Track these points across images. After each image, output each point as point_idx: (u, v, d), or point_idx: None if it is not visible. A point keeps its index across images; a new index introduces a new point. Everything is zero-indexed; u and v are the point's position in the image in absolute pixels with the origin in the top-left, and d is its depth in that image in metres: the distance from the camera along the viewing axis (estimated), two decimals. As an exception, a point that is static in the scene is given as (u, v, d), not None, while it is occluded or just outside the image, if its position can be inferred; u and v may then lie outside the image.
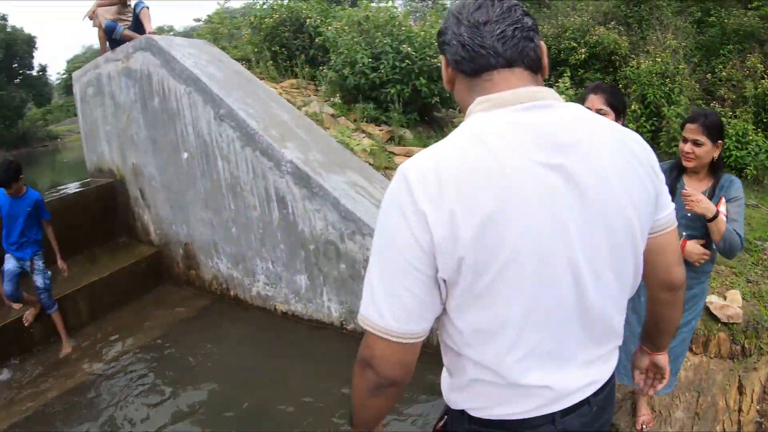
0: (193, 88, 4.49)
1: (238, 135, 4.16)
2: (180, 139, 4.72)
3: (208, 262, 5.00)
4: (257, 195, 4.20)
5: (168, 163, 4.98)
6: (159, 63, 4.80)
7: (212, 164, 4.48)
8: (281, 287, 4.40)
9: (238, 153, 4.20)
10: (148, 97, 4.99)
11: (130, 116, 5.31)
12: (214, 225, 4.73)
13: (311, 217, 3.95)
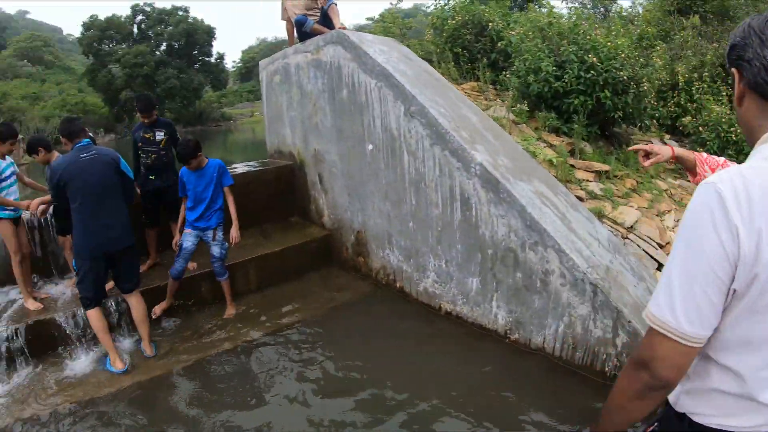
0: (384, 83, 4.74)
1: (428, 133, 4.33)
2: (366, 131, 5.02)
3: (379, 252, 5.30)
4: (441, 194, 4.36)
5: (351, 153, 5.33)
6: (350, 57, 5.12)
7: (397, 158, 4.71)
8: (450, 287, 4.54)
9: (426, 150, 4.38)
10: (337, 88, 5.35)
11: (317, 105, 5.74)
12: (391, 217, 4.99)
13: (494, 222, 4.02)
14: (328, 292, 5.42)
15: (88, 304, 4.32)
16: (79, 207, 4.15)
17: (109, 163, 4.24)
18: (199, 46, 50.86)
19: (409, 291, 5.03)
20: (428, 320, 4.66)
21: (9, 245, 4.84)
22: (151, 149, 5.25)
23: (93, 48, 48.74)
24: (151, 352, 4.51)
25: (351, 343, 4.42)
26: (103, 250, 4.21)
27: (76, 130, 4.30)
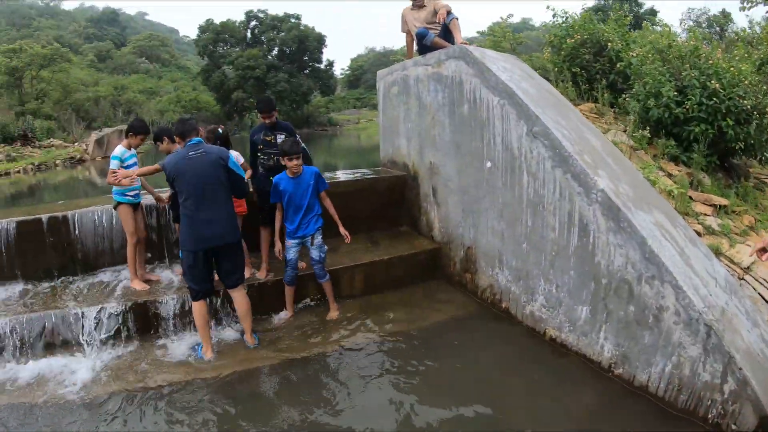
0: (506, 101, 4.91)
1: (551, 155, 4.47)
2: (486, 148, 5.23)
3: (487, 270, 5.48)
4: (558, 217, 4.47)
5: (468, 168, 5.56)
6: (472, 72, 5.35)
7: (516, 178, 4.88)
8: (558, 313, 4.62)
9: (547, 172, 4.52)
10: (458, 103, 5.61)
11: (435, 118, 6.03)
12: (504, 236, 5.15)
13: (611, 251, 4.09)
14: (432, 306, 5.65)
15: (193, 296, 4.84)
16: (185, 202, 4.65)
17: (215, 160, 4.69)
18: (310, 52, 53.72)
19: (514, 313, 5.16)
20: (531, 344, 4.75)
21: (126, 228, 5.53)
22: (271, 151, 5.59)
23: (208, 49, 52.68)
24: (253, 343, 4.97)
25: (450, 359, 4.59)
26: (204, 245, 4.64)
27: (188, 129, 4.82)
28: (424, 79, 6.26)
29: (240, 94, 49.57)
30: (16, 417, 4.14)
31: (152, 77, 64.03)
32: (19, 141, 29.07)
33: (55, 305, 5.27)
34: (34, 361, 4.94)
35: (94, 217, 6.05)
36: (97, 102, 42.74)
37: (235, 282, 4.90)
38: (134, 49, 76.45)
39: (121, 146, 5.52)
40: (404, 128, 6.78)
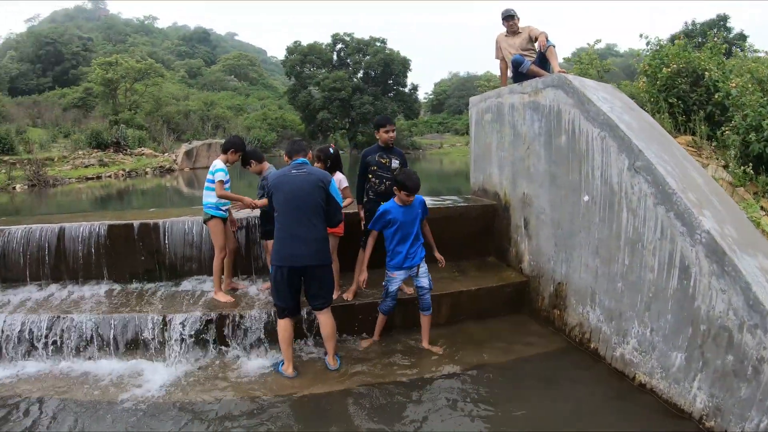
0: (607, 133, 4.96)
1: (653, 191, 4.47)
2: (583, 181, 5.29)
3: (578, 308, 5.49)
4: (658, 258, 4.44)
5: (563, 201, 5.62)
6: (572, 102, 5.43)
7: (615, 214, 4.90)
8: (650, 358, 4.55)
9: (648, 209, 4.52)
10: (555, 133, 5.70)
11: (531, 148, 6.14)
12: (598, 274, 5.16)
13: (713, 296, 4.02)
14: (517, 340, 5.69)
15: (279, 313, 5.08)
16: (278, 217, 4.95)
17: (316, 182, 4.95)
18: (395, 75, 55.24)
19: (603, 354, 5.12)
20: (618, 388, 4.68)
21: (216, 242, 5.93)
22: (384, 175, 5.75)
23: (295, 70, 55.04)
24: (335, 365, 5.14)
25: (533, 396, 4.61)
26: (291, 263, 4.87)
27: (296, 149, 5.22)
28: (519, 108, 6.39)
29: (325, 114, 51.48)
30: (91, 414, 4.51)
31: (240, 94, 67.39)
32: (111, 148, 31.33)
33: (139, 308, 5.73)
34: (114, 360, 5.41)
35: (183, 227, 6.57)
36: (186, 115, 45.49)
37: (322, 304, 5.07)
38: (224, 67, 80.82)
39: (220, 160, 5.89)
40: (497, 157, 6.91)
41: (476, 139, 7.68)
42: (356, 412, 4.48)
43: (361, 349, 5.53)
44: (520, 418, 4.32)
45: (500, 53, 7.40)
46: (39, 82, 59.76)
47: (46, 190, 21.43)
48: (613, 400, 4.54)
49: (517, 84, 6.55)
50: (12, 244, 6.48)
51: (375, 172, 5.77)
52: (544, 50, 6.54)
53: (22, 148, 27.93)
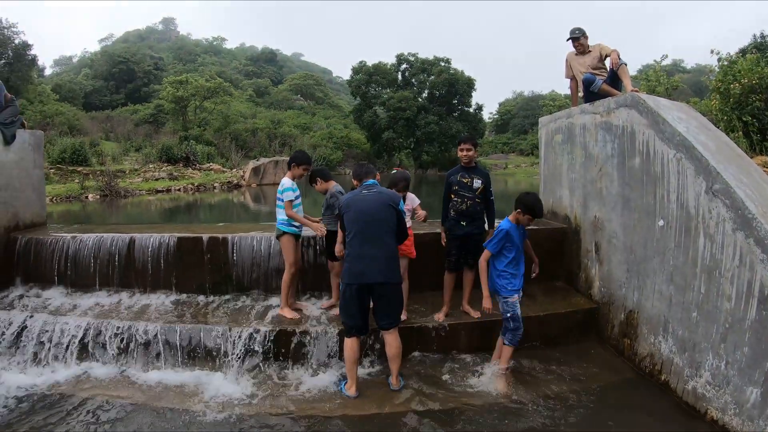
0: (684, 154, 4.86)
1: (731, 216, 4.35)
2: (658, 205, 5.20)
3: (649, 338, 5.36)
4: (736, 286, 4.32)
5: (637, 225, 5.54)
6: (646, 123, 5.37)
7: (691, 239, 4.79)
8: (724, 392, 4.40)
9: (726, 235, 4.40)
10: (629, 154, 5.64)
11: (603, 169, 6.08)
12: (672, 302, 5.04)
13: (794, 328, 3.91)
14: (585, 369, 5.60)
15: (346, 331, 5.20)
16: (350, 236, 5.10)
17: (386, 202, 5.16)
18: (459, 95, 55.61)
19: (674, 387, 4.98)
20: (688, 424, 4.55)
21: (287, 258, 6.09)
22: (466, 194, 5.85)
23: (360, 90, 56.08)
24: (398, 386, 5.20)
25: (601, 429, 4.55)
26: (360, 280, 5.00)
27: (365, 171, 5.51)
28: (591, 128, 6.36)
29: (390, 134, 52.09)
30: (149, 419, 4.73)
31: (306, 113, 69.03)
32: (181, 162, 32.68)
33: (204, 320, 5.99)
34: (177, 369, 5.63)
35: (252, 243, 6.81)
36: (254, 133, 47.01)
37: (389, 324, 5.15)
38: (290, 87, 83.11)
39: (288, 177, 6.10)
40: (567, 178, 6.86)
41: (546, 161, 7.65)
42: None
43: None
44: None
45: (570, 72, 7.38)
46: (112, 99, 63.08)
47: (117, 201, 22.47)
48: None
49: (588, 104, 6.52)
50: (84, 251, 6.90)
51: (457, 191, 5.89)
52: (616, 68, 6.48)
53: (95, 160, 29.51)
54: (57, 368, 5.66)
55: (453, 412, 4.83)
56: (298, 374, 5.54)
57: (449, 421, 4.70)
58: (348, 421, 4.73)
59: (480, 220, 5.90)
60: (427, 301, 6.42)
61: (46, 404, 4.98)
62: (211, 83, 47.07)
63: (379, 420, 4.75)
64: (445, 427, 4.61)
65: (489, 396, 5.10)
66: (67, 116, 40.69)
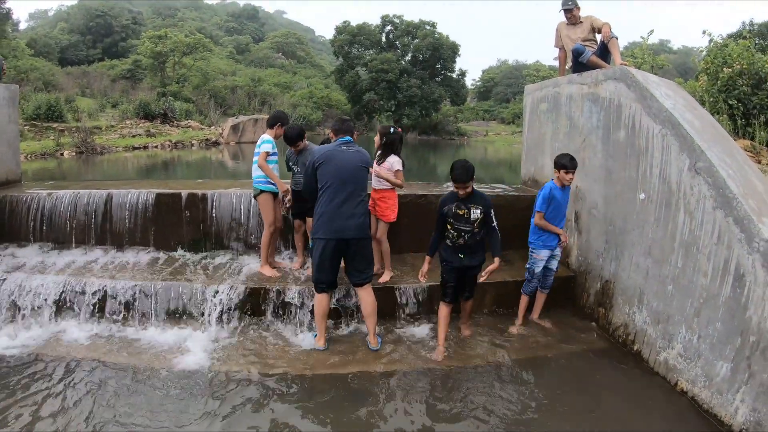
0: (669, 131, 4.86)
1: (712, 194, 4.38)
2: (640, 178, 5.21)
3: (624, 308, 5.44)
4: (712, 263, 4.36)
5: (617, 198, 5.56)
6: (633, 97, 5.34)
7: (671, 215, 4.82)
8: (695, 366, 4.48)
9: (706, 212, 4.43)
10: (614, 127, 5.63)
11: (587, 140, 6.07)
12: (648, 275, 5.10)
13: (766, 307, 3.96)
14: (558, 335, 5.70)
15: (318, 288, 5.27)
16: (324, 191, 5.12)
17: (364, 160, 5.25)
18: (443, 60, 54.97)
19: (646, 357, 5.07)
20: (658, 394, 4.63)
21: (266, 217, 6.09)
22: (463, 228, 5.06)
23: (343, 50, 55.21)
24: (376, 345, 5.29)
25: (568, 393, 4.64)
26: (336, 235, 5.08)
27: (343, 128, 5.43)
28: (577, 99, 6.33)
29: (371, 95, 51.53)
30: (131, 379, 4.71)
31: (287, 72, 67.86)
32: (158, 119, 32.11)
33: (182, 277, 5.94)
34: (156, 328, 5.61)
35: (231, 200, 6.78)
36: (233, 91, 46.22)
37: (363, 280, 5.29)
38: (271, 45, 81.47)
39: (268, 135, 6.05)
40: (550, 148, 6.84)
41: (530, 128, 7.62)
42: (389, 394, 4.59)
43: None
44: (552, 415, 4.34)
45: (560, 42, 7.32)
46: (89, 54, 61.11)
47: (93, 158, 22.09)
48: (651, 404, 4.51)
49: (576, 74, 6.48)
50: (60, 208, 6.79)
51: (453, 224, 5.07)
52: (607, 41, 6.43)
53: (71, 116, 28.77)
54: (33, 328, 5.57)
55: (426, 371, 4.95)
56: (275, 331, 5.58)
57: (420, 378, 4.82)
58: (323, 379, 4.79)
59: (480, 251, 5.19)
60: (407, 263, 6.44)
61: (21, 365, 4.91)
62: (190, 39, 45.90)
63: (356, 378, 4.81)
64: (412, 384, 4.73)
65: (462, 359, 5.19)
66: (42, 72, 39.32)
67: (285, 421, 4.15)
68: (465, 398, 4.55)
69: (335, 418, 4.21)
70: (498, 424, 4.18)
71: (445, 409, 4.38)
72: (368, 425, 4.14)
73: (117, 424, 4.03)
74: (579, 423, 4.22)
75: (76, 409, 4.22)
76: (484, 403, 4.47)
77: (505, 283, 5.96)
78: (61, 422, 4.04)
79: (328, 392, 4.59)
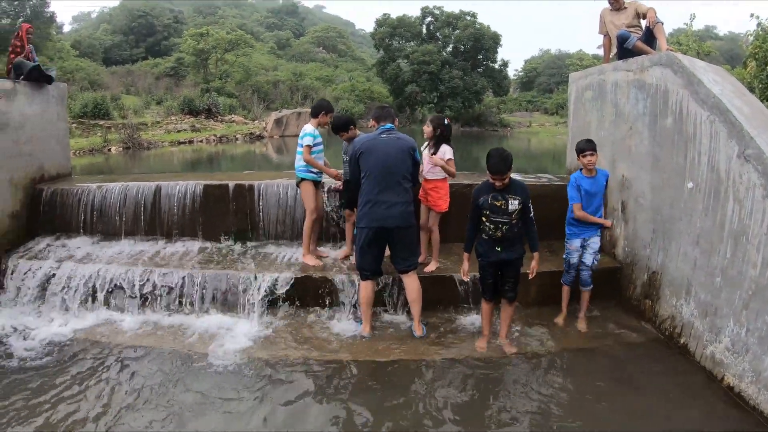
0: (717, 117, 4.74)
1: (763, 183, 4.25)
2: (688, 166, 5.10)
3: (672, 300, 5.34)
4: (762, 254, 4.24)
5: (665, 186, 5.45)
6: (680, 83, 5.22)
7: (720, 204, 4.70)
8: (743, 360, 4.38)
9: (756, 201, 4.32)
10: (661, 114, 5.52)
11: (633, 128, 5.97)
12: (696, 265, 4.99)
13: (818, 299, 3.85)
14: (604, 327, 5.66)
15: (362, 275, 5.35)
16: (367, 179, 5.17)
17: (405, 147, 5.23)
18: (485, 51, 54.59)
19: (693, 351, 4.97)
20: (704, 389, 4.54)
21: (307, 204, 6.16)
22: (500, 220, 4.82)
23: (384, 43, 55.35)
24: (420, 333, 5.34)
25: (610, 388, 4.57)
26: (379, 224, 5.12)
27: (384, 115, 5.46)
28: (623, 86, 6.23)
29: (413, 87, 51.54)
30: (179, 365, 4.89)
31: (328, 66, 68.26)
32: (203, 114, 32.75)
33: (228, 266, 6.11)
34: (203, 315, 5.79)
35: (278, 190, 6.89)
36: (275, 85, 46.78)
37: (407, 267, 5.33)
38: (312, 39, 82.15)
39: (310, 126, 6.12)
40: (596, 136, 6.71)
41: (575, 117, 7.53)
42: (422, 382, 4.64)
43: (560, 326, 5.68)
44: (595, 407, 4.30)
45: (604, 28, 7.21)
46: (132, 53, 62.67)
47: (139, 153, 22.70)
48: (696, 399, 4.43)
49: (621, 61, 6.37)
50: (109, 199, 7.02)
51: (489, 216, 4.85)
52: (652, 27, 6.29)
53: (117, 114, 29.60)
54: (83, 315, 5.81)
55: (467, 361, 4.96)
56: (319, 319, 5.70)
57: (462, 369, 4.83)
58: (367, 366, 4.88)
59: (519, 244, 4.96)
60: (453, 252, 6.45)
61: (72, 351, 5.15)
62: (232, 35, 46.65)
63: (398, 365, 4.88)
64: (456, 374, 4.74)
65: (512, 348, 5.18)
66: (88, 71, 40.62)
67: (329, 407, 4.25)
68: (507, 389, 4.57)
69: (378, 404, 4.28)
70: (537, 417, 4.17)
71: (487, 400, 4.40)
72: (411, 412, 4.20)
73: (165, 409, 4.18)
74: (622, 417, 4.17)
75: (125, 393, 4.41)
76: (524, 394, 4.47)
77: (551, 273, 5.88)
78: (112, 404, 4.23)
79: (372, 379, 4.68)
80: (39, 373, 4.71)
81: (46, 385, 4.50)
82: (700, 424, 4.11)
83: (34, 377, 4.64)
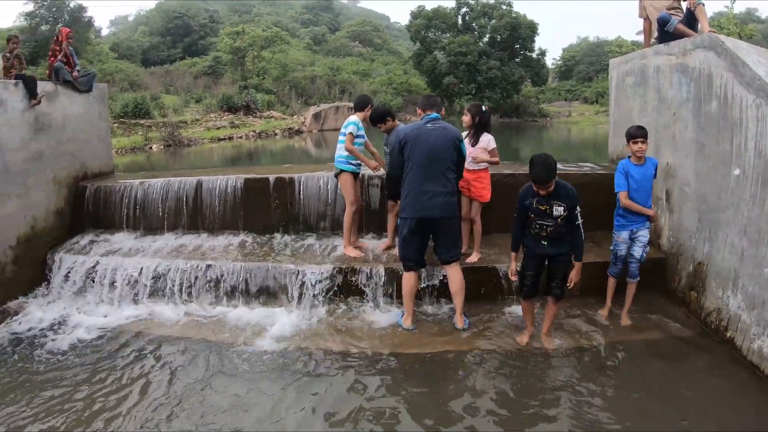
0: (764, 100, 4.56)
1: None
2: (735, 152, 4.93)
3: (718, 292, 5.18)
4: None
5: (711, 173, 5.28)
6: (724, 65, 5.06)
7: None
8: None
9: (806, 189, 4.18)
10: (705, 98, 5.35)
11: (677, 114, 5.81)
12: (744, 256, 4.82)
13: None
14: (648, 320, 5.54)
15: (405, 266, 5.33)
16: (411, 169, 5.12)
17: (450, 138, 5.16)
18: (522, 40, 53.86)
19: (739, 345, 4.80)
20: (751, 384, 4.39)
21: (347, 196, 6.19)
22: (545, 223, 4.74)
23: (419, 35, 55.06)
24: (463, 325, 5.30)
25: (656, 382, 4.47)
26: (421, 214, 5.08)
27: (431, 103, 5.41)
28: (665, 70, 6.08)
29: (451, 79, 51.16)
30: (214, 355, 4.97)
31: (365, 60, 68.28)
32: (241, 111, 33.22)
33: (270, 259, 6.18)
34: (246, 307, 5.89)
35: (318, 182, 6.96)
36: (313, 80, 47.12)
37: (451, 258, 5.29)
38: (348, 34, 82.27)
39: (356, 117, 6.17)
40: (638, 123, 6.54)
41: (617, 104, 7.38)
42: (470, 373, 4.63)
43: (604, 318, 5.60)
44: (641, 404, 4.20)
45: (644, 12, 7.04)
46: (170, 54, 63.62)
47: (180, 150, 23.15)
48: (743, 395, 4.30)
49: (662, 45, 6.20)
50: (151, 195, 7.19)
51: (534, 220, 4.78)
52: (693, 8, 6.11)
53: (157, 113, 30.34)
54: (126, 307, 5.99)
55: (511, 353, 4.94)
56: (361, 311, 5.73)
57: (505, 360, 4.82)
58: (409, 358, 4.87)
59: (566, 242, 4.80)
60: (495, 243, 6.41)
61: (115, 342, 5.32)
62: (267, 33, 47.21)
63: (434, 357, 4.87)
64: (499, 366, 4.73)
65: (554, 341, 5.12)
66: (127, 73, 41.60)
67: (370, 399, 4.27)
68: (551, 383, 4.51)
69: (420, 396, 4.29)
70: (578, 410, 4.11)
71: (531, 393, 4.36)
72: (453, 404, 4.19)
73: (206, 399, 4.26)
74: (670, 414, 4.07)
75: (167, 383, 4.53)
76: (566, 387, 4.41)
77: (594, 264, 5.77)
78: (153, 394, 4.35)
79: (413, 370, 4.68)
80: (83, 364, 4.88)
81: (89, 375, 4.68)
82: (746, 420, 4.00)
83: (78, 368, 4.81)
